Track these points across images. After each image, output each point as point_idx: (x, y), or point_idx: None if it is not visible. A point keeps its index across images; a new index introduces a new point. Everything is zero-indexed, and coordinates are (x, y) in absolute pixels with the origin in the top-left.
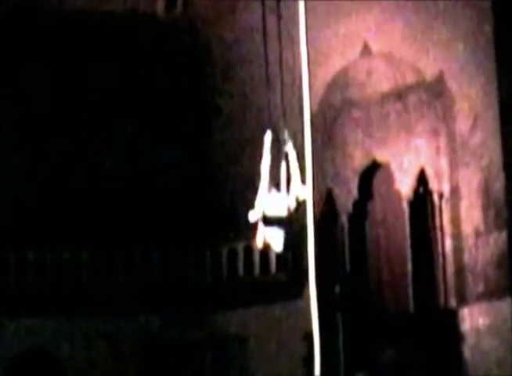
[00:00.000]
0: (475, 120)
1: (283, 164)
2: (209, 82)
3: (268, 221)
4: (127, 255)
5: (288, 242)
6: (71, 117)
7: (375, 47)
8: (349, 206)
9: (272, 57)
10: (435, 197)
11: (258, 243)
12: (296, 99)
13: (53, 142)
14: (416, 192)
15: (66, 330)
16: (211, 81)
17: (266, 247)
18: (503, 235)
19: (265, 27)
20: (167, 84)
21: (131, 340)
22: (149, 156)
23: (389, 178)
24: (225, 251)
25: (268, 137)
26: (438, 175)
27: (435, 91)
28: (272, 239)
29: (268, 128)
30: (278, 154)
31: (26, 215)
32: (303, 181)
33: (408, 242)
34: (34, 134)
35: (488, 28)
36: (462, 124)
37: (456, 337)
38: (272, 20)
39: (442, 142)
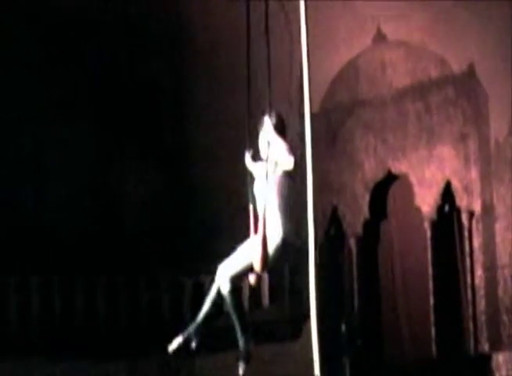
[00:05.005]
0: None
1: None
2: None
3: None
4: (83, 285)
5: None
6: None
7: (390, 33)
8: (359, 227)
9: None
10: (464, 217)
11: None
12: (295, 98)
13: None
14: (440, 210)
15: None
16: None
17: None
18: None
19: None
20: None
21: None
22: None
23: (407, 194)
24: (207, 282)
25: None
26: (468, 190)
27: (464, 87)
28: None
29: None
30: None
31: None
32: None
33: (430, 271)
34: None
35: None
36: (496, 128)
37: None
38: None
39: (472, 149)
